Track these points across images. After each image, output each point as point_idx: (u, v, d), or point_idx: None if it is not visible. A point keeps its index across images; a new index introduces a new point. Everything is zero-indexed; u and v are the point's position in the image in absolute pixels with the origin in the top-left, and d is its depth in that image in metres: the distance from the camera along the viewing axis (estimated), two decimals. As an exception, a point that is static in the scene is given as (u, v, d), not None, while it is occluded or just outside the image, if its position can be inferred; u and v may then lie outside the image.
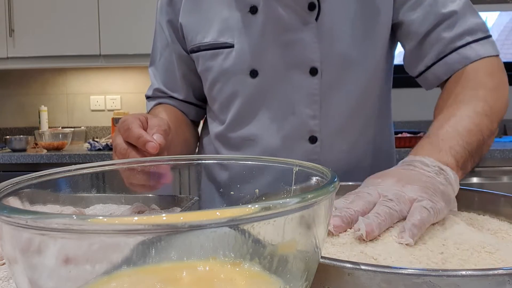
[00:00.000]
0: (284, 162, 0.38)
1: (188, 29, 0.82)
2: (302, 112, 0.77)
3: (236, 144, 0.82)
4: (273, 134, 0.79)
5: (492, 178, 1.99)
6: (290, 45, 0.75)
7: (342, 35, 0.75)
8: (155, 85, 0.90)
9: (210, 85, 0.82)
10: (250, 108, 0.80)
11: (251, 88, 0.78)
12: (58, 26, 2.40)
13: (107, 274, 0.26)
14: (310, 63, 0.75)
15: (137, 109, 2.81)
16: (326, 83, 0.76)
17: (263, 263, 0.27)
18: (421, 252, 0.40)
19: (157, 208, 0.54)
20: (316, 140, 0.77)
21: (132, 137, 0.57)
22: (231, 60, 0.77)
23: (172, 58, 0.87)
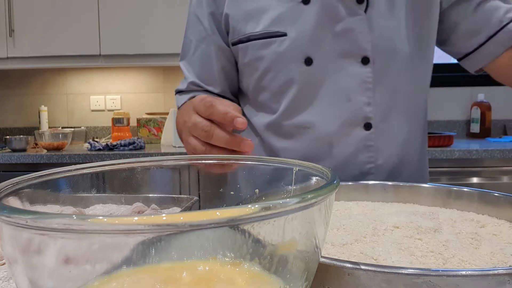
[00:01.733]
0: (284, 162, 0.38)
1: (236, 19, 0.82)
2: (357, 99, 0.79)
3: (289, 132, 0.83)
4: (329, 121, 0.80)
5: (492, 178, 1.99)
6: (342, 35, 0.78)
7: (391, 29, 0.78)
8: (190, 79, 0.90)
9: (261, 74, 0.82)
10: (305, 96, 0.81)
11: (306, 76, 0.79)
12: (58, 26, 2.40)
13: (107, 274, 0.26)
14: (361, 52, 0.78)
15: (137, 109, 2.82)
16: (378, 71, 0.79)
17: (263, 263, 0.27)
18: (421, 252, 0.40)
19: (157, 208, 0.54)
20: (371, 126, 0.80)
21: (217, 113, 0.54)
22: (285, 47, 0.79)
23: (210, 50, 0.87)
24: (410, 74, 0.81)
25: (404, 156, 0.84)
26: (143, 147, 2.27)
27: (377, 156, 0.81)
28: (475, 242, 0.44)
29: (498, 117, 2.63)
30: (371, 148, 0.80)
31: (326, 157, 0.81)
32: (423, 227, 0.46)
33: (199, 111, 0.57)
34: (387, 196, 0.65)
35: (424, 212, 0.56)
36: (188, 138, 0.59)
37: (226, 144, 0.54)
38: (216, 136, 0.54)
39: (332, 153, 0.81)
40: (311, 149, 0.82)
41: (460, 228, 0.49)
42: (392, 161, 0.82)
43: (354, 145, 0.80)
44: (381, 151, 0.81)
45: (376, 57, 0.78)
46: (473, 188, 0.60)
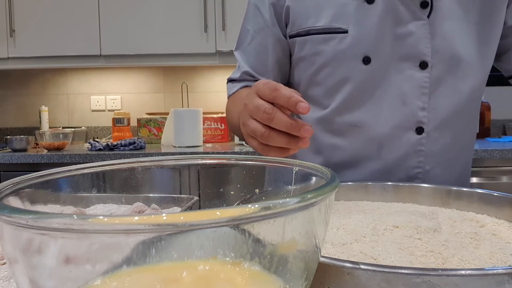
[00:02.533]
0: (284, 162, 0.38)
1: (297, 12, 0.83)
2: (412, 103, 0.79)
3: (340, 129, 0.83)
4: (382, 122, 0.80)
5: (491, 178, 1.99)
6: (403, 38, 0.78)
7: (453, 35, 0.78)
8: (244, 68, 0.90)
9: (317, 69, 0.83)
10: (360, 94, 0.81)
11: (363, 74, 0.80)
12: (58, 26, 2.40)
13: (107, 273, 0.26)
14: (421, 57, 0.78)
15: (138, 109, 2.82)
16: (435, 77, 0.79)
17: (263, 263, 0.27)
18: (420, 252, 0.40)
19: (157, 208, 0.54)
20: (423, 131, 0.80)
21: (282, 96, 0.53)
22: (345, 44, 0.79)
23: (267, 41, 0.87)
24: (469, 81, 0.81)
25: (452, 163, 0.84)
26: (144, 147, 2.27)
27: (426, 162, 0.81)
28: (474, 242, 0.44)
29: (497, 117, 2.63)
30: (421, 153, 0.80)
31: (375, 158, 0.81)
32: (422, 227, 0.46)
33: (262, 94, 0.56)
34: (387, 196, 0.65)
35: (424, 212, 0.56)
36: (248, 120, 0.58)
37: (286, 128, 0.53)
38: (277, 119, 0.53)
39: (381, 154, 0.81)
40: (360, 148, 0.82)
41: (460, 228, 0.49)
42: (440, 167, 0.82)
43: (404, 149, 0.80)
44: (431, 156, 0.81)
45: (435, 62, 0.78)
46: (472, 188, 0.60)
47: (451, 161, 0.83)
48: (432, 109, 0.79)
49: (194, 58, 2.40)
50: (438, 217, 0.54)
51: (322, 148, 0.85)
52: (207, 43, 2.38)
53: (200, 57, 2.41)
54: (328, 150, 0.85)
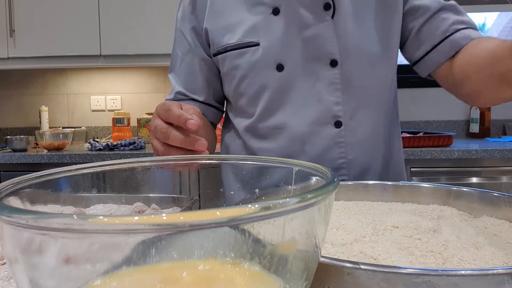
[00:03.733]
0: (284, 162, 0.38)
1: (214, 33, 0.89)
2: (326, 99, 0.84)
3: (265, 133, 0.89)
4: (300, 121, 0.85)
5: (491, 178, 1.99)
6: (311, 40, 0.83)
7: (357, 32, 0.84)
8: (177, 89, 0.95)
9: (238, 81, 0.88)
10: (278, 99, 0.86)
11: (279, 81, 0.85)
12: (58, 26, 2.40)
13: (107, 273, 0.26)
14: (330, 56, 0.83)
15: (138, 110, 2.82)
16: (346, 73, 0.84)
17: (263, 263, 0.27)
18: (420, 252, 0.40)
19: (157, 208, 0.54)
20: (341, 124, 0.85)
21: (173, 116, 0.59)
22: (258, 56, 0.85)
23: (195, 62, 0.93)
24: (376, 73, 0.86)
25: (373, 150, 0.89)
26: (144, 147, 2.27)
27: (347, 152, 0.86)
28: (475, 242, 0.44)
29: (497, 117, 2.63)
30: (342, 144, 0.85)
31: (300, 155, 0.86)
32: (422, 227, 0.46)
33: (159, 115, 0.62)
34: (387, 196, 0.65)
35: (424, 212, 0.56)
36: (152, 140, 0.65)
37: (181, 144, 0.59)
38: (172, 137, 0.60)
39: (305, 150, 0.86)
40: (285, 148, 0.87)
41: (460, 228, 0.49)
42: (362, 155, 0.87)
43: (325, 142, 0.85)
44: (351, 146, 0.86)
45: (343, 59, 0.83)
46: (472, 188, 0.60)
47: (372, 150, 0.88)
48: (346, 103, 0.84)
49: (194, 58, 2.39)
50: (438, 217, 0.54)
51: (254, 152, 0.91)
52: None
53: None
54: (259, 154, 0.90)
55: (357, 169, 0.86)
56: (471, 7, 2.46)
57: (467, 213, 0.57)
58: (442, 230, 0.46)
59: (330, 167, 0.84)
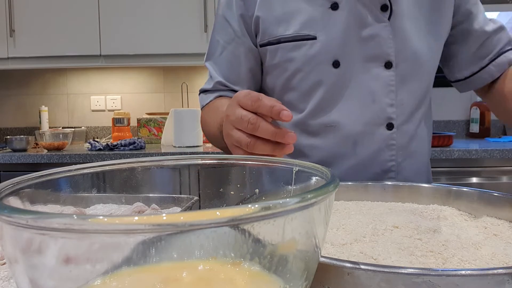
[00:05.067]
0: (284, 162, 0.38)
1: (267, 22, 0.86)
2: (381, 101, 0.84)
3: (316, 130, 0.87)
4: (354, 120, 0.84)
5: (491, 178, 1.99)
6: (368, 40, 0.83)
7: (412, 35, 0.84)
8: (217, 78, 0.92)
9: (291, 75, 0.86)
10: (332, 96, 0.85)
11: (334, 77, 0.84)
12: (58, 26, 2.40)
13: (107, 273, 0.26)
14: (385, 57, 0.83)
15: (138, 109, 2.82)
16: (400, 75, 0.84)
17: (263, 263, 0.27)
18: (420, 252, 0.40)
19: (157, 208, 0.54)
20: (393, 126, 0.85)
21: (264, 106, 0.55)
22: (315, 50, 0.83)
23: (240, 51, 0.90)
24: (425, 76, 0.87)
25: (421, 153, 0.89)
26: (144, 147, 2.27)
27: (398, 155, 0.85)
28: (475, 242, 0.44)
29: (498, 117, 2.63)
30: (393, 147, 0.85)
31: (351, 155, 0.85)
32: (422, 227, 0.46)
33: (244, 105, 0.58)
34: (387, 196, 0.65)
35: (424, 212, 0.56)
36: (232, 131, 0.59)
37: (271, 136, 0.55)
38: (262, 128, 0.55)
39: (356, 151, 0.85)
40: (336, 147, 0.85)
41: (460, 228, 0.49)
42: (411, 159, 0.87)
43: (377, 144, 0.84)
44: (401, 149, 0.86)
45: (398, 61, 0.83)
46: (472, 188, 0.60)
47: (415, 152, 0.89)
48: (399, 105, 0.85)
49: (194, 58, 2.40)
50: (438, 217, 0.54)
51: (301, 149, 0.89)
52: (207, 43, 2.38)
53: (200, 57, 2.41)
54: (306, 151, 0.88)
55: (405, 173, 0.86)
56: (471, 7, 2.46)
57: (467, 213, 0.57)
58: (442, 230, 0.46)
59: (380, 169, 0.85)
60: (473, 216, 0.56)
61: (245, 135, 0.57)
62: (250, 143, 0.57)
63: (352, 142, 0.84)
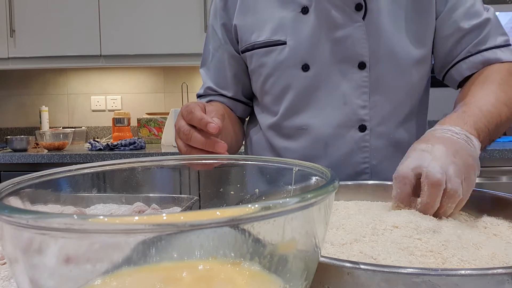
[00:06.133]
0: (284, 162, 0.38)
1: (242, 29, 0.89)
2: (353, 103, 0.83)
3: (289, 133, 0.88)
4: (325, 123, 0.84)
5: (491, 178, 1.99)
6: (340, 41, 0.82)
7: (389, 34, 0.82)
8: (207, 84, 0.97)
9: (264, 79, 0.88)
10: (302, 99, 0.85)
11: (304, 81, 0.84)
12: (59, 26, 2.40)
13: (107, 273, 0.26)
14: (359, 58, 0.81)
15: (138, 110, 2.82)
16: (374, 76, 0.82)
17: (263, 263, 0.27)
18: (420, 251, 0.40)
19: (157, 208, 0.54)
20: (366, 128, 0.83)
21: (195, 119, 0.61)
22: (284, 55, 0.84)
23: (224, 58, 0.94)
24: (407, 78, 0.84)
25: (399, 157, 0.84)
26: (144, 147, 2.27)
27: (372, 157, 0.84)
28: (475, 242, 0.44)
29: (498, 117, 2.63)
30: (366, 149, 0.84)
31: (322, 157, 0.85)
32: (422, 227, 0.46)
33: (183, 116, 0.64)
34: (387, 196, 0.65)
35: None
36: (176, 140, 0.67)
37: (202, 146, 0.61)
38: (193, 139, 0.62)
39: (327, 153, 0.85)
40: (308, 149, 0.86)
41: (460, 228, 0.49)
42: (387, 162, 0.85)
43: (349, 146, 0.84)
44: (376, 152, 0.84)
45: (373, 62, 0.82)
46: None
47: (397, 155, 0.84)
48: (373, 107, 0.83)
49: (194, 58, 2.40)
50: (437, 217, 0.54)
51: (276, 151, 0.91)
52: (207, 43, 2.38)
53: (200, 57, 2.41)
54: (281, 153, 0.90)
55: (381, 175, 0.84)
56: (471, 7, 2.46)
57: (467, 213, 0.57)
58: (442, 230, 0.46)
59: (353, 171, 0.83)
60: (473, 216, 0.56)
61: (183, 144, 0.65)
62: (186, 152, 0.64)
63: (323, 144, 0.85)
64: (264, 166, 0.39)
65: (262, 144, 0.94)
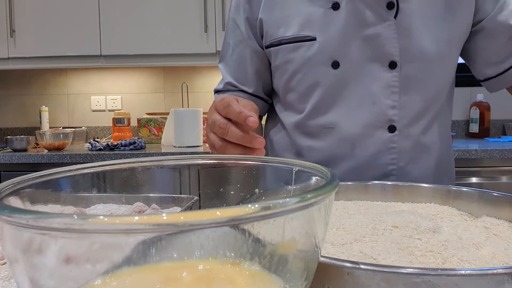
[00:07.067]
0: (284, 162, 0.38)
1: (268, 24, 0.86)
2: (382, 102, 0.81)
3: (314, 131, 0.86)
4: (352, 122, 0.83)
5: (491, 178, 1.99)
6: (370, 40, 0.80)
7: (421, 33, 0.80)
8: (227, 79, 0.95)
9: (290, 76, 0.86)
10: (330, 97, 0.84)
11: (332, 78, 0.82)
12: (59, 26, 2.40)
13: (107, 273, 0.26)
14: (389, 57, 0.80)
15: (138, 110, 2.82)
16: (404, 76, 0.81)
17: (263, 263, 0.27)
18: (420, 251, 0.40)
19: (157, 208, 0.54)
20: (395, 129, 0.82)
21: (233, 112, 0.59)
22: (313, 51, 0.82)
23: (246, 53, 0.91)
24: (436, 78, 0.83)
25: (427, 159, 0.85)
26: (144, 147, 2.27)
27: (399, 158, 0.83)
28: (475, 242, 0.44)
29: (497, 117, 2.63)
30: (394, 150, 0.82)
31: (349, 158, 0.83)
32: (422, 226, 0.46)
33: (218, 110, 0.62)
34: (387, 196, 0.65)
35: (423, 212, 0.56)
36: (209, 134, 0.64)
37: (239, 141, 0.58)
38: (230, 133, 0.59)
39: (354, 154, 0.83)
40: (334, 149, 0.84)
41: (460, 228, 0.49)
42: (415, 163, 0.84)
43: (377, 147, 0.82)
44: (404, 153, 0.83)
45: (403, 62, 0.80)
46: (472, 188, 0.60)
47: (424, 157, 0.85)
48: (403, 107, 0.81)
49: (194, 58, 2.40)
50: (437, 217, 0.54)
51: (301, 150, 0.88)
52: (207, 43, 2.38)
53: (200, 57, 2.41)
54: (306, 152, 0.88)
55: (407, 177, 0.82)
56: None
57: (467, 213, 0.57)
58: (442, 230, 0.46)
59: (379, 173, 0.82)
60: (473, 216, 0.56)
61: (218, 139, 0.62)
62: (221, 147, 0.61)
63: (350, 144, 0.83)
64: (264, 166, 0.39)
65: (283, 143, 0.92)
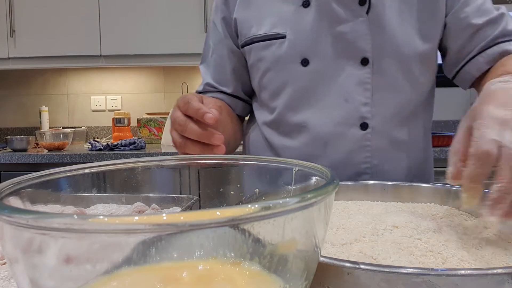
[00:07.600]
0: (284, 162, 0.38)
1: (242, 23, 0.86)
2: (354, 99, 0.80)
3: (287, 130, 0.85)
4: (325, 120, 0.81)
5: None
6: (342, 36, 0.79)
7: (394, 30, 0.79)
8: (206, 80, 0.94)
9: (262, 74, 0.86)
10: (301, 96, 0.83)
11: (303, 76, 0.81)
12: (59, 26, 2.40)
13: (107, 273, 0.26)
14: (361, 54, 0.79)
15: (138, 110, 2.82)
16: (377, 72, 0.79)
17: (263, 263, 0.27)
18: (420, 251, 0.40)
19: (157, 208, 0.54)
20: (367, 126, 0.80)
21: (191, 109, 0.60)
22: (283, 49, 0.82)
23: (224, 53, 0.91)
24: (411, 75, 0.81)
25: (402, 158, 0.83)
26: (144, 147, 2.27)
27: (373, 156, 0.81)
28: (475, 242, 0.44)
29: (498, 117, 2.63)
30: (367, 148, 0.81)
31: (322, 157, 0.82)
32: (422, 226, 0.46)
33: (179, 107, 0.63)
34: (387, 196, 0.65)
35: (424, 212, 0.56)
36: (171, 131, 0.65)
37: (198, 137, 0.60)
38: (189, 130, 0.60)
39: (327, 152, 0.82)
40: (307, 148, 0.83)
41: (460, 228, 0.49)
42: (389, 162, 0.82)
43: (350, 145, 0.81)
44: (378, 151, 0.81)
45: (376, 58, 0.79)
46: (472, 188, 0.59)
47: (400, 156, 0.83)
48: (376, 105, 0.80)
49: (194, 58, 2.40)
50: (438, 217, 0.54)
51: (276, 149, 0.88)
52: (207, 43, 2.38)
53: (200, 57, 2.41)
54: (279, 151, 0.87)
55: (382, 176, 0.80)
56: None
57: (467, 213, 0.57)
58: (442, 230, 0.46)
59: (353, 172, 0.81)
60: (473, 216, 0.56)
61: (178, 136, 0.63)
62: (181, 143, 0.62)
63: (323, 143, 0.81)
64: (264, 166, 0.39)
65: (259, 142, 0.91)
